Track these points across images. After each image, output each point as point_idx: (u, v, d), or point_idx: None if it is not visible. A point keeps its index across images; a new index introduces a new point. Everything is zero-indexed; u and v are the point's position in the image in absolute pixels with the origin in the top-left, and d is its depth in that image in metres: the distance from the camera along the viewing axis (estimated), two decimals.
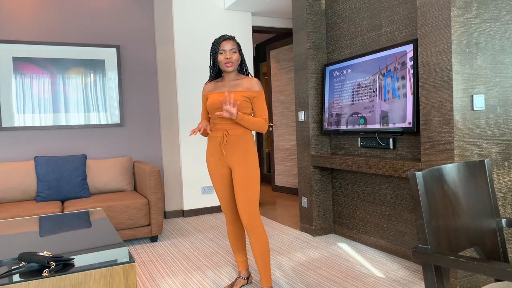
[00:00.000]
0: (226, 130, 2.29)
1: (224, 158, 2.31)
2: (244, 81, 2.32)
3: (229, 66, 2.27)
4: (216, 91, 2.33)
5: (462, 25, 2.22)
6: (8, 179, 3.57)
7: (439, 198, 1.33)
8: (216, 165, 2.35)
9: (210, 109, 2.31)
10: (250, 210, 2.26)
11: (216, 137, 2.33)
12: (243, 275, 2.51)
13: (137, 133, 4.41)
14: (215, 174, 2.37)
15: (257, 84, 2.32)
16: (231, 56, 2.27)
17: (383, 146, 2.98)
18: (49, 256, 1.50)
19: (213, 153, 2.36)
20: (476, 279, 2.35)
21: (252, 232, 2.27)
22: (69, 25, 4.10)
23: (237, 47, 2.31)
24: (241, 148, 2.29)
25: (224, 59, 2.27)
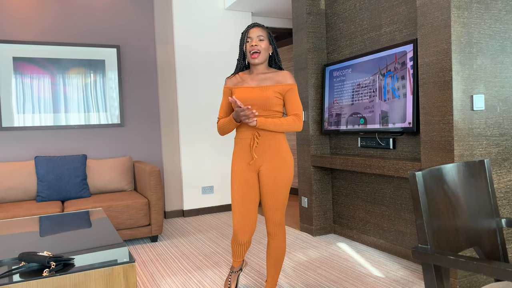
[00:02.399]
0: (256, 131, 2.05)
1: (254, 162, 2.07)
2: (275, 75, 2.07)
3: (255, 57, 2.01)
4: (243, 86, 2.07)
5: (462, 25, 2.23)
6: (8, 179, 3.57)
7: (439, 198, 1.33)
8: (243, 170, 2.08)
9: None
10: (276, 219, 2.11)
11: (245, 138, 2.08)
12: (237, 269, 2.36)
13: (137, 133, 4.41)
14: (241, 180, 2.08)
15: (290, 77, 2.06)
16: (257, 44, 2.01)
17: (383, 146, 2.98)
18: (49, 256, 1.50)
19: (241, 156, 2.09)
20: (476, 279, 2.35)
21: (274, 239, 2.17)
22: (69, 25, 4.10)
23: (266, 35, 2.05)
24: (274, 150, 2.05)
25: (250, 47, 2.02)
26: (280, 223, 2.15)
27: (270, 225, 2.15)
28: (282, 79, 2.06)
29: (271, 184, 2.07)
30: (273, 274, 2.24)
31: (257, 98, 2.02)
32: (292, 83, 2.06)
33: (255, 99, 2.03)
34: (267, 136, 2.06)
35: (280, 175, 2.07)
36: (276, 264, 2.22)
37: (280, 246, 2.19)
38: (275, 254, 2.20)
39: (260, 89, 2.04)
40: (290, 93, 2.05)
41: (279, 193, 2.08)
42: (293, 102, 2.05)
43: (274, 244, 2.18)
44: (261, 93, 2.02)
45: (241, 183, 2.09)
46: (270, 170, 2.07)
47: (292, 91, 2.06)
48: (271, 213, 2.12)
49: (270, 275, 2.25)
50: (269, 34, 2.09)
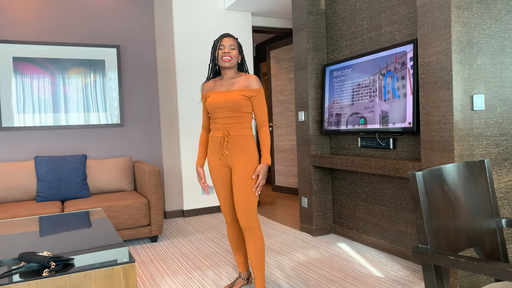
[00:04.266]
0: (226, 130, 2.26)
1: (225, 158, 2.29)
2: (242, 79, 2.28)
3: (226, 60, 2.22)
4: (215, 91, 2.30)
5: (462, 25, 2.22)
6: (8, 179, 3.57)
7: (439, 198, 1.33)
8: (216, 165, 2.33)
9: (210, 108, 2.28)
10: (247, 211, 2.24)
11: (216, 136, 2.30)
12: (243, 276, 2.51)
13: (137, 133, 4.41)
14: (216, 174, 2.34)
15: (256, 82, 2.27)
16: (229, 51, 2.23)
17: (383, 146, 2.98)
18: (49, 256, 1.50)
19: (214, 152, 2.33)
20: (476, 279, 2.35)
21: (248, 233, 2.27)
22: (69, 25, 4.10)
23: (237, 45, 2.28)
24: (241, 148, 2.26)
25: (222, 53, 2.23)
26: (253, 217, 2.26)
27: (243, 219, 2.25)
28: (249, 84, 2.27)
29: (240, 177, 2.24)
30: (258, 268, 2.30)
31: (227, 101, 2.24)
32: (257, 88, 2.27)
33: (225, 102, 2.24)
34: (236, 136, 2.27)
35: (249, 169, 2.25)
36: (259, 258, 2.29)
37: (257, 240, 2.28)
38: (254, 248, 2.28)
39: (229, 93, 2.25)
40: (256, 99, 2.28)
41: (247, 186, 2.24)
42: (259, 109, 2.30)
43: (251, 240, 2.28)
44: (231, 96, 2.24)
45: (216, 176, 2.35)
46: (239, 165, 2.25)
47: (257, 97, 2.28)
48: (244, 206, 2.24)
49: (255, 271, 2.31)
50: (239, 44, 2.32)
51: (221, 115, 2.26)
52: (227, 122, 2.26)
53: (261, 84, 2.29)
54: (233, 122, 2.26)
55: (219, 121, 2.28)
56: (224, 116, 2.26)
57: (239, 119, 2.26)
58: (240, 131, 2.27)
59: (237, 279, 2.50)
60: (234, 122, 2.26)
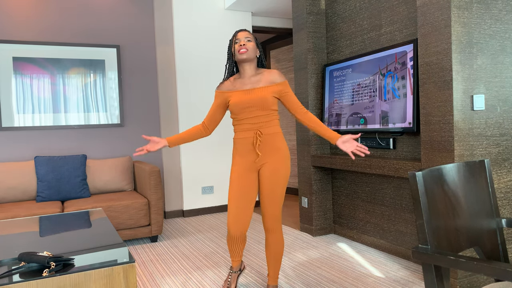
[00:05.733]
0: (258, 130, 2.14)
1: (259, 159, 2.17)
2: (265, 75, 2.18)
3: (243, 52, 2.11)
4: (238, 90, 2.17)
5: (462, 25, 2.22)
6: (8, 179, 3.57)
7: (439, 198, 1.33)
8: (244, 169, 2.18)
9: (236, 109, 2.15)
10: (275, 213, 2.19)
11: (246, 138, 2.16)
12: (236, 269, 2.44)
13: (137, 133, 4.41)
14: (243, 178, 2.17)
15: (279, 75, 2.18)
16: (245, 43, 2.13)
17: (383, 146, 2.98)
18: (49, 256, 1.50)
19: (243, 155, 2.17)
20: (476, 279, 2.35)
21: (272, 234, 2.24)
22: (69, 25, 4.10)
23: (253, 37, 2.18)
24: (274, 147, 2.16)
25: (238, 47, 2.13)
26: (278, 218, 2.23)
27: (269, 220, 2.21)
28: (273, 78, 2.18)
29: (272, 179, 2.16)
30: (275, 267, 2.31)
31: (255, 99, 2.13)
32: (283, 81, 2.20)
33: (253, 100, 2.13)
34: (268, 134, 2.16)
35: (281, 170, 2.17)
36: (277, 258, 2.29)
37: (279, 240, 2.27)
38: (275, 249, 2.27)
39: (256, 91, 2.14)
40: (287, 91, 2.19)
41: (279, 188, 2.18)
42: (294, 98, 2.21)
43: (273, 240, 2.25)
44: (258, 94, 2.13)
45: (241, 181, 2.18)
46: (271, 166, 2.17)
47: (287, 89, 2.20)
48: (271, 208, 2.19)
49: (271, 269, 2.31)
50: (255, 38, 2.21)
51: (249, 115, 2.14)
52: (257, 121, 2.15)
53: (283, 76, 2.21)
54: (263, 121, 2.15)
55: (247, 121, 2.16)
56: (253, 116, 2.14)
57: (268, 117, 2.16)
58: (272, 129, 2.17)
59: (232, 274, 2.43)
60: (264, 120, 2.15)
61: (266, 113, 2.15)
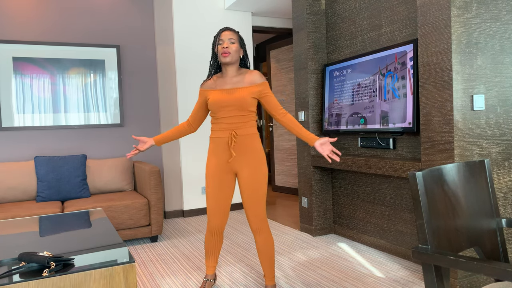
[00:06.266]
0: (233, 130, 2.17)
1: (232, 160, 2.19)
2: (246, 76, 2.19)
3: (226, 55, 2.11)
4: (218, 89, 2.19)
5: (462, 25, 2.22)
6: (8, 179, 3.57)
7: (439, 198, 1.33)
8: (220, 168, 2.21)
9: (214, 107, 2.17)
10: (260, 213, 2.20)
11: (222, 137, 2.19)
12: (210, 278, 2.44)
13: (137, 133, 4.41)
14: (217, 179, 2.21)
15: (259, 76, 2.20)
16: (228, 46, 2.12)
17: (383, 146, 2.98)
18: (49, 256, 1.50)
19: (217, 155, 2.21)
20: (476, 279, 2.35)
21: (260, 235, 2.24)
22: (69, 25, 4.10)
23: (237, 38, 2.16)
24: (250, 148, 2.18)
25: (221, 49, 2.12)
26: (264, 218, 2.23)
27: (254, 220, 2.22)
28: (254, 79, 2.19)
29: (251, 179, 2.18)
30: (269, 267, 2.31)
31: (233, 100, 2.15)
32: (263, 82, 2.21)
33: (231, 100, 2.15)
34: (244, 135, 2.19)
35: (260, 169, 2.19)
36: (270, 258, 2.29)
37: (270, 241, 2.27)
38: (266, 249, 2.27)
39: (236, 91, 2.16)
40: (266, 92, 2.21)
41: (260, 187, 2.20)
42: (273, 100, 2.23)
43: (262, 241, 2.26)
44: (238, 95, 2.15)
45: (216, 179, 2.22)
46: (249, 167, 2.19)
47: (266, 90, 2.21)
48: (255, 208, 2.20)
49: (266, 269, 2.31)
50: (239, 38, 2.20)
51: (227, 114, 2.16)
52: (233, 121, 2.17)
53: (264, 77, 2.22)
54: (240, 122, 2.17)
55: (224, 121, 2.18)
56: (230, 116, 2.16)
57: (245, 118, 2.18)
58: (248, 130, 2.18)
59: (207, 282, 2.42)
60: (241, 121, 2.17)
61: (244, 114, 2.18)
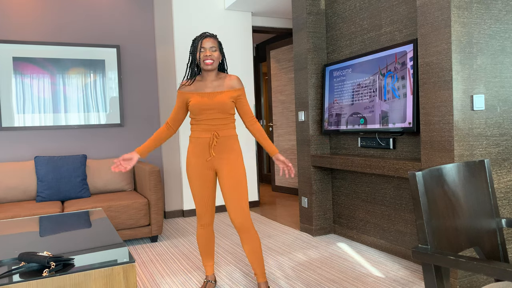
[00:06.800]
0: (215, 131, 2.24)
1: (211, 160, 2.26)
2: (226, 80, 2.27)
3: (209, 64, 2.19)
4: (199, 92, 2.25)
5: (462, 25, 2.23)
6: (8, 179, 3.57)
7: (439, 198, 1.33)
8: (199, 166, 2.27)
9: (196, 110, 2.22)
10: (242, 211, 2.24)
11: (203, 138, 2.25)
12: (211, 279, 2.48)
13: (137, 133, 4.41)
14: (197, 175, 2.28)
15: (238, 81, 2.28)
16: (211, 54, 2.19)
17: (383, 146, 2.98)
18: (49, 256, 1.50)
19: (197, 155, 2.27)
20: (476, 279, 2.35)
21: (245, 233, 2.26)
22: (69, 25, 4.10)
23: (217, 45, 2.24)
24: (229, 149, 2.26)
25: (204, 56, 2.19)
26: (246, 215, 2.26)
27: (236, 217, 2.24)
28: (233, 84, 2.28)
29: (231, 175, 2.24)
30: (258, 264, 2.31)
31: (214, 103, 2.22)
32: (241, 87, 2.30)
33: (213, 104, 2.22)
34: (224, 136, 2.27)
35: (238, 167, 2.26)
36: (258, 255, 2.30)
37: (255, 238, 2.29)
38: (253, 247, 2.28)
39: (216, 95, 2.24)
40: (242, 98, 2.31)
41: (240, 184, 2.25)
42: (246, 107, 2.33)
43: (248, 238, 2.27)
44: (218, 99, 2.22)
45: (197, 177, 2.28)
46: (229, 164, 2.26)
47: (242, 95, 2.31)
48: (236, 204, 2.24)
49: (256, 267, 2.32)
50: (219, 44, 2.27)
51: (208, 117, 2.23)
52: (215, 123, 2.24)
53: (242, 83, 2.31)
54: (221, 124, 2.25)
55: (206, 123, 2.24)
56: (211, 118, 2.23)
57: (226, 120, 2.26)
58: (228, 131, 2.27)
59: (207, 283, 2.45)
60: (222, 123, 2.25)
61: (225, 117, 2.25)
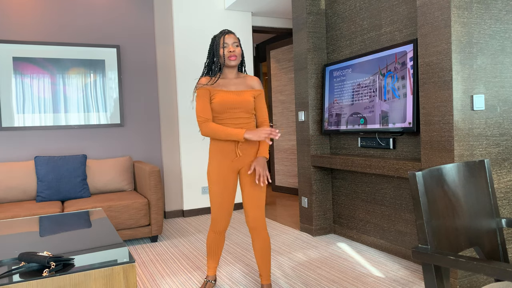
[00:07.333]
0: None
1: (237, 160, 2.23)
2: (247, 80, 2.28)
3: (233, 59, 2.19)
4: (223, 90, 2.20)
5: (462, 25, 2.22)
6: (8, 179, 3.57)
7: (439, 198, 1.33)
8: (224, 170, 2.23)
9: (221, 108, 2.18)
10: (259, 211, 2.25)
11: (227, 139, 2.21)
12: (211, 279, 2.47)
13: (137, 133, 4.41)
14: (221, 180, 2.23)
15: (259, 83, 2.31)
16: (234, 49, 2.19)
17: (383, 146, 2.98)
18: (49, 256, 1.50)
19: (223, 155, 2.23)
20: (476, 279, 2.35)
21: (258, 232, 2.27)
22: (69, 25, 4.10)
23: (239, 40, 2.25)
24: (254, 149, 2.25)
25: (228, 52, 2.18)
26: (262, 216, 2.28)
27: (254, 218, 2.25)
28: (254, 85, 2.29)
29: (253, 180, 2.24)
30: (266, 265, 2.32)
31: (240, 101, 2.20)
32: (261, 89, 2.31)
33: (238, 102, 2.20)
34: None
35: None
36: (267, 257, 2.31)
37: (267, 240, 2.30)
38: (263, 249, 2.30)
39: (240, 94, 2.22)
40: (259, 99, 2.30)
41: (260, 188, 2.26)
42: (263, 109, 2.32)
43: (260, 240, 2.29)
44: (243, 97, 2.21)
45: (221, 179, 2.24)
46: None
47: (261, 97, 2.30)
48: (255, 206, 2.25)
49: (264, 268, 2.33)
50: (239, 40, 2.28)
51: (232, 116, 2.20)
52: (239, 122, 2.22)
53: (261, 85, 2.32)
54: (245, 123, 2.23)
55: (230, 121, 2.21)
56: (235, 117, 2.20)
57: (249, 119, 2.25)
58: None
59: (207, 283, 2.45)
60: (245, 122, 2.24)
61: (248, 116, 2.25)
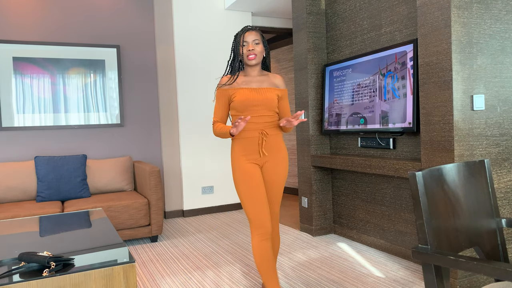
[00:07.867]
0: (263, 130, 2.12)
1: (261, 159, 2.15)
2: (270, 78, 2.18)
3: (252, 58, 2.08)
4: (244, 87, 2.11)
5: (462, 25, 2.22)
6: (8, 179, 3.57)
7: (439, 198, 1.33)
8: (250, 167, 2.11)
9: (242, 106, 2.09)
10: (276, 212, 2.26)
11: (251, 137, 2.12)
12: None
13: (137, 133, 4.41)
14: (251, 177, 2.09)
15: (282, 82, 2.22)
16: (254, 48, 2.08)
17: (383, 146, 2.98)
18: (49, 256, 1.50)
19: (248, 154, 2.12)
20: (476, 279, 2.35)
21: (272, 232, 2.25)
22: (69, 25, 4.10)
23: (260, 38, 2.11)
24: (278, 147, 2.17)
25: (247, 51, 2.09)
26: (278, 216, 2.30)
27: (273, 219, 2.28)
28: (278, 83, 2.21)
29: (274, 179, 2.21)
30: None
31: (262, 99, 2.11)
32: (285, 89, 2.25)
33: (261, 100, 2.10)
34: (272, 135, 2.17)
35: (282, 170, 2.21)
36: (276, 255, 2.33)
37: (276, 238, 2.32)
38: (275, 246, 2.31)
39: (263, 91, 2.12)
40: (284, 99, 2.23)
41: (279, 187, 2.23)
42: (286, 107, 2.25)
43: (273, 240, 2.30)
44: (266, 94, 2.12)
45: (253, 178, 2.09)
46: (274, 166, 2.19)
47: (285, 97, 2.24)
48: (273, 205, 2.26)
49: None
50: (262, 37, 2.15)
51: (255, 114, 2.10)
52: (262, 121, 2.12)
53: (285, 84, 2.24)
54: (268, 121, 2.14)
55: (252, 120, 2.11)
56: (258, 115, 2.11)
57: (272, 117, 2.15)
58: (275, 130, 2.17)
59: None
60: (268, 121, 2.14)
61: (271, 114, 2.15)
